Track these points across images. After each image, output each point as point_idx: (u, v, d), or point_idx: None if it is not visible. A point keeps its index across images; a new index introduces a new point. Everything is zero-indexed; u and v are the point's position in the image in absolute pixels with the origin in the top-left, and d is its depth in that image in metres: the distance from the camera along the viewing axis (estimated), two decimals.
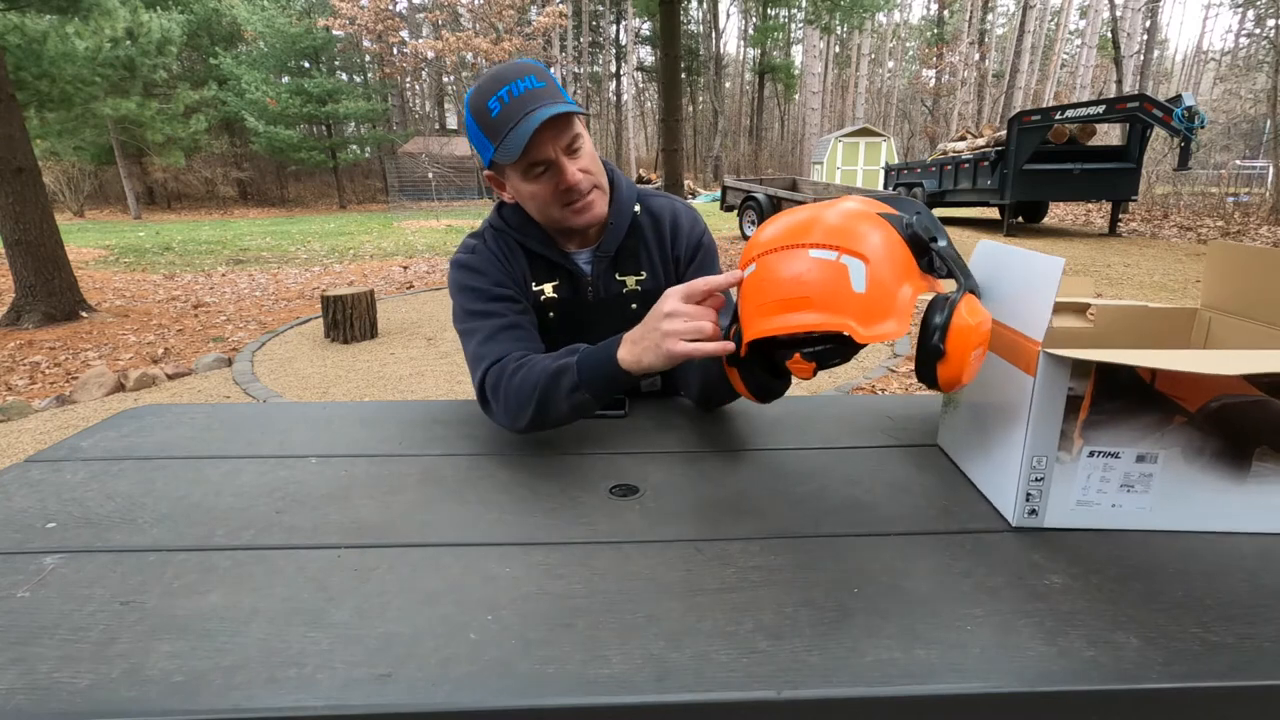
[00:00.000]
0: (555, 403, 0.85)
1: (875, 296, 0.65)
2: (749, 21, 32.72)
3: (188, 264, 9.16)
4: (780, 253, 0.69)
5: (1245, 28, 32.12)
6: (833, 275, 0.65)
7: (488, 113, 0.92)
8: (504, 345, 0.95)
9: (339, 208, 22.25)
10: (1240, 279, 0.83)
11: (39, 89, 8.42)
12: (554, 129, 0.91)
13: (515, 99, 0.91)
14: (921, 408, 1.03)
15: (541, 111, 0.89)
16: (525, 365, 0.89)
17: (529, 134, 0.88)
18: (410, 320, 5.37)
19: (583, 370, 0.82)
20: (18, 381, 4.06)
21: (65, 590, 0.59)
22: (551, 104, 0.90)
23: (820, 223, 0.68)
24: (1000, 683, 0.48)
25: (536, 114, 0.89)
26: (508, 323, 0.98)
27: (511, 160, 0.91)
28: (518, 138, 0.89)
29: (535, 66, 0.94)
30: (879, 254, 0.66)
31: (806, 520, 0.71)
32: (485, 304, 0.99)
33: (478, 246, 1.04)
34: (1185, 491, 0.66)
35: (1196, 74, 39.81)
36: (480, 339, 0.96)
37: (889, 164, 15.21)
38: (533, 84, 0.91)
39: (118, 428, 0.99)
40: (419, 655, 0.51)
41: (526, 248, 1.05)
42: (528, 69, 0.93)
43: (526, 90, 0.91)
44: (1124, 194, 9.87)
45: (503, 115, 0.91)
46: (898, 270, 0.66)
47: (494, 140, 0.92)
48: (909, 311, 0.65)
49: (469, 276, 1.01)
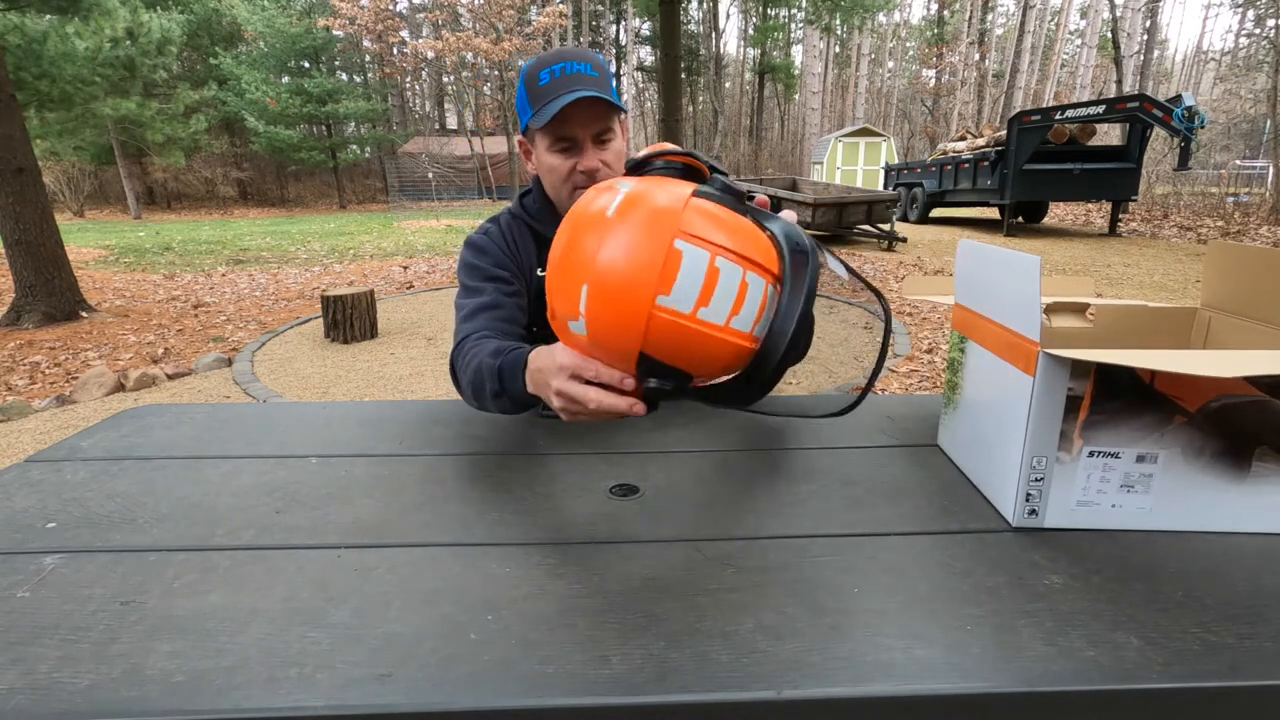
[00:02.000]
0: (486, 400, 0.90)
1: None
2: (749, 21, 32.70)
3: (188, 264, 9.16)
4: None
5: (1245, 28, 32.11)
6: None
7: (537, 80, 0.98)
8: (475, 324, 1.00)
9: (339, 208, 22.23)
10: (1240, 279, 0.83)
11: (39, 89, 8.41)
12: (589, 112, 0.97)
13: (567, 76, 0.97)
14: (921, 408, 1.03)
15: (584, 90, 0.95)
16: (473, 353, 0.92)
17: (563, 105, 0.94)
18: (410, 320, 5.37)
19: (503, 378, 0.84)
20: (18, 381, 4.06)
21: (65, 590, 0.59)
22: (596, 90, 0.96)
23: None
24: (1000, 683, 0.48)
25: (578, 91, 0.95)
26: (489, 301, 1.03)
27: (540, 125, 0.97)
28: (554, 106, 0.95)
29: (596, 57, 1.01)
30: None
31: (806, 520, 0.71)
32: (478, 282, 1.05)
33: (491, 230, 1.11)
34: (1185, 491, 0.66)
35: (1196, 74, 39.80)
36: (462, 316, 1.02)
37: (889, 164, 15.22)
38: (587, 70, 0.98)
39: (118, 428, 0.99)
40: (419, 655, 0.51)
41: (541, 234, 1.10)
42: (589, 56, 0.99)
43: (579, 72, 0.98)
44: (1124, 194, 9.87)
45: (550, 85, 0.97)
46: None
47: (534, 105, 0.99)
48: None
49: (474, 255, 1.08)
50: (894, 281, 6.46)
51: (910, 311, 5.18)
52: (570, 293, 0.61)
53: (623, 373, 0.62)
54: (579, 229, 0.62)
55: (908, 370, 3.83)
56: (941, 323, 4.86)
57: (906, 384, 3.61)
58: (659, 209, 0.59)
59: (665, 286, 0.56)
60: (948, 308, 0.97)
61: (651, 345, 0.58)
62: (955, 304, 0.84)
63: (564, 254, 0.62)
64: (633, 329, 0.57)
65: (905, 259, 8.07)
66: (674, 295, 0.56)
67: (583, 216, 0.63)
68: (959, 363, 0.82)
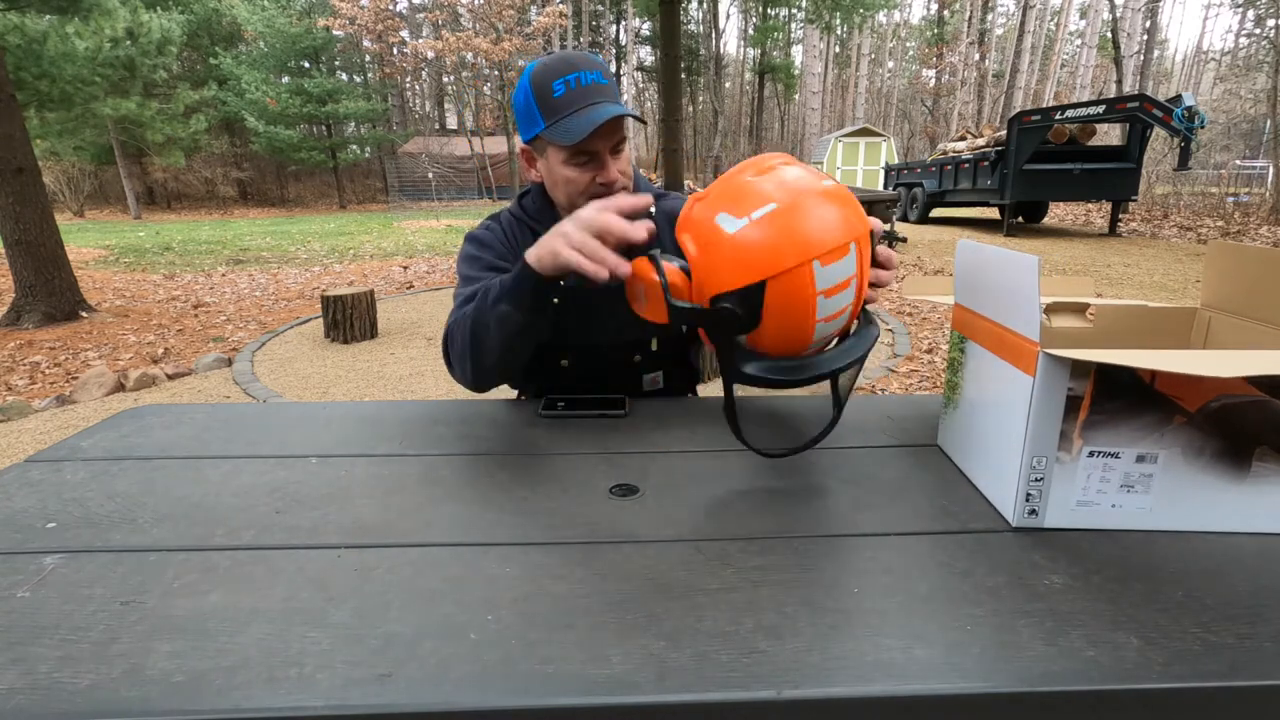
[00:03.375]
0: (485, 326, 0.91)
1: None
2: (749, 21, 32.69)
3: (188, 264, 9.16)
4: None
5: (1245, 28, 32.10)
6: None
7: (550, 91, 0.96)
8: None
9: (339, 208, 22.24)
10: (1240, 279, 0.83)
11: (39, 89, 8.41)
12: (610, 126, 0.96)
13: (582, 88, 0.96)
14: (921, 408, 1.03)
15: (609, 108, 0.95)
16: (463, 310, 0.95)
17: (594, 125, 0.93)
18: (410, 320, 5.37)
19: (502, 282, 0.88)
20: (18, 381, 4.06)
21: (65, 590, 0.59)
22: (614, 104, 0.97)
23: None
24: (1000, 683, 0.48)
25: (602, 108, 0.95)
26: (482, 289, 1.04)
27: (567, 143, 0.95)
28: (582, 124, 0.94)
29: (601, 63, 1.00)
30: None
31: (806, 520, 0.71)
32: (477, 272, 1.06)
33: (492, 226, 1.12)
34: (1185, 491, 0.66)
35: (1196, 74, 39.80)
36: (458, 304, 1.03)
37: (889, 164, 15.22)
38: (599, 79, 0.98)
39: (118, 428, 0.99)
40: (419, 655, 0.51)
41: (540, 235, 1.08)
42: (596, 64, 0.99)
43: (593, 83, 0.97)
44: (1124, 194, 9.88)
45: (566, 98, 0.96)
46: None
47: (548, 119, 0.97)
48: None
49: (475, 248, 1.10)
50: (894, 281, 6.45)
51: (910, 311, 5.18)
52: (751, 196, 0.67)
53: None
54: (795, 170, 0.70)
55: (908, 370, 3.83)
56: (941, 323, 4.86)
57: (906, 384, 3.61)
58: (858, 210, 0.70)
59: (827, 259, 0.66)
60: (948, 308, 0.97)
61: (771, 283, 0.66)
62: (955, 304, 0.84)
63: (767, 168, 0.70)
64: (780, 260, 0.65)
65: (905, 259, 8.07)
66: (823, 270, 0.66)
67: (801, 173, 0.70)
68: (959, 363, 0.82)
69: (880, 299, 1.08)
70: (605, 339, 1.12)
